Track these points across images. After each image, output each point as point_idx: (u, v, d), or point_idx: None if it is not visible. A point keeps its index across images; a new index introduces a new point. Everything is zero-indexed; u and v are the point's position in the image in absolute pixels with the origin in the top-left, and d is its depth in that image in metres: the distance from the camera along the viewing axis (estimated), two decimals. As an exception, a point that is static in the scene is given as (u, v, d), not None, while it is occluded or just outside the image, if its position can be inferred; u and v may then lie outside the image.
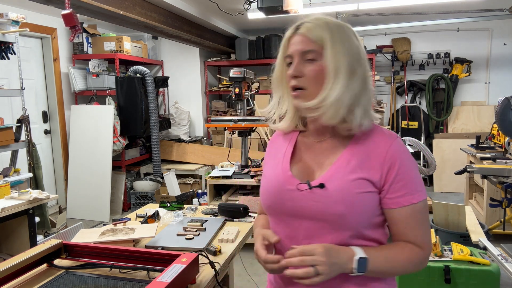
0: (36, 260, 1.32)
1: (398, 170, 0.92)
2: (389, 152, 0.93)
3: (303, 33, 0.94)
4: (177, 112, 5.89)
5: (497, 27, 5.66)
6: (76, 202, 4.75)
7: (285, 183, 0.98)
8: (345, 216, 0.90)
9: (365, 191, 0.92)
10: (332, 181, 0.92)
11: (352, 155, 0.95)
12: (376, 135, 0.97)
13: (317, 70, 0.92)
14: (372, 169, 0.93)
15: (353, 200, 0.91)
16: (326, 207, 0.91)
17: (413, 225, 0.94)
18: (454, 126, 5.81)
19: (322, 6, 4.40)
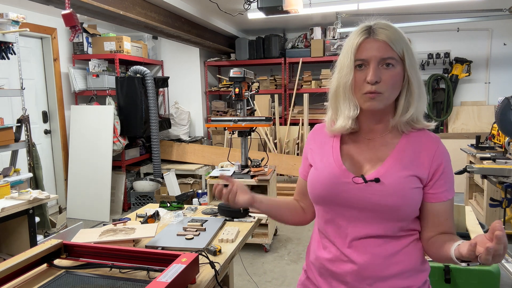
0: (36, 260, 1.32)
1: (444, 169, 1.03)
2: (437, 152, 1.03)
3: (382, 40, 0.97)
4: (177, 112, 5.89)
5: (497, 27, 5.66)
6: (76, 202, 4.75)
7: (340, 176, 1.04)
8: (398, 209, 0.99)
9: (416, 186, 1.01)
10: (386, 177, 1.00)
11: (403, 153, 1.03)
12: (423, 136, 1.06)
13: (395, 76, 0.99)
14: (421, 167, 1.02)
15: (407, 195, 0.99)
16: (381, 199, 0.99)
17: (450, 217, 1.04)
18: (454, 126, 5.81)
19: (322, 6, 4.39)
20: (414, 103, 1.03)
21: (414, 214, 1.03)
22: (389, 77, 0.98)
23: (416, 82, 1.02)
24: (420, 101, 1.04)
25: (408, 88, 1.02)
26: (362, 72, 0.99)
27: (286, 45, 6.14)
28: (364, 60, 0.98)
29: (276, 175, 4.13)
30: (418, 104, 1.04)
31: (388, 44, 0.97)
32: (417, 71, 1.02)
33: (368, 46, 0.98)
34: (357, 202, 1.02)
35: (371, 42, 0.98)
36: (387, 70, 0.98)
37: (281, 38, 6.11)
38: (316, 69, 5.94)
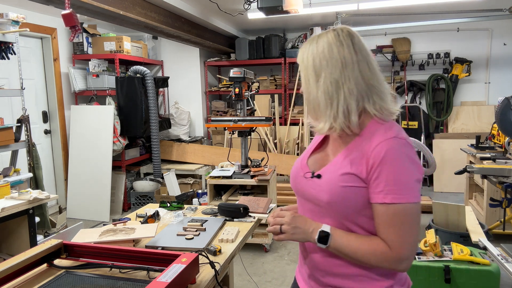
0: (36, 260, 1.32)
1: (379, 166, 0.97)
2: (376, 148, 0.98)
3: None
4: (177, 112, 5.89)
5: (497, 27, 5.66)
6: (76, 202, 4.75)
7: (299, 170, 1.15)
8: (330, 204, 1.03)
9: (351, 185, 1.00)
10: (326, 173, 1.06)
11: (350, 152, 1.04)
12: (376, 133, 1.02)
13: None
14: (360, 165, 1.00)
15: (337, 191, 1.02)
16: (318, 194, 1.06)
17: (385, 224, 0.98)
18: (454, 126, 5.81)
19: (322, 6, 4.39)
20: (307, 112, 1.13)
21: (354, 211, 1.02)
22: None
23: (305, 94, 1.08)
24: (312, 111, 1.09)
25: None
26: None
27: (286, 45, 6.14)
28: None
29: (276, 175, 4.13)
30: (313, 114, 1.09)
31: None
32: (307, 83, 1.06)
33: None
34: (307, 195, 1.11)
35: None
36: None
37: (281, 38, 6.10)
38: (316, 69, 5.93)
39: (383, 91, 1.05)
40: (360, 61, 1.02)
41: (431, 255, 2.32)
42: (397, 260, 0.98)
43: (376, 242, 1.00)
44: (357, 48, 1.03)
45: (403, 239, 0.97)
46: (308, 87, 1.06)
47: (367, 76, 1.02)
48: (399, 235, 0.97)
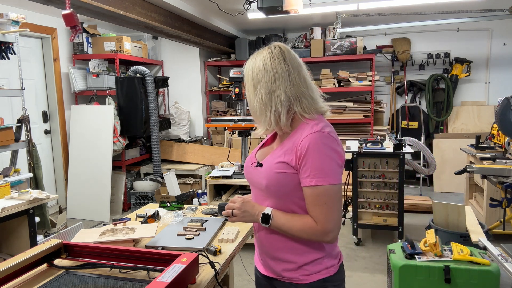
0: (36, 260, 1.32)
1: (305, 155, 1.17)
2: (303, 141, 1.19)
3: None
4: (177, 112, 5.89)
5: (497, 27, 5.66)
6: (76, 202, 4.75)
7: (249, 162, 1.36)
8: (268, 188, 1.24)
9: (283, 171, 1.21)
10: (265, 163, 1.27)
11: (285, 145, 1.25)
12: (305, 129, 1.22)
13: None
14: (291, 155, 1.21)
15: (272, 176, 1.23)
16: (259, 180, 1.27)
17: (312, 203, 1.19)
18: (454, 126, 5.81)
19: (322, 6, 4.39)
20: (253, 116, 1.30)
21: (289, 194, 1.22)
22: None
23: (248, 102, 1.29)
24: (254, 117, 1.29)
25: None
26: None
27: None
28: None
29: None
30: (254, 119, 1.29)
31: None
32: (248, 93, 1.27)
33: None
34: (254, 182, 1.32)
35: None
36: None
37: (281, 38, 6.10)
38: (316, 69, 5.93)
39: (312, 94, 1.25)
40: (290, 72, 1.22)
41: (431, 255, 2.32)
42: (323, 233, 1.18)
43: (306, 219, 1.20)
44: (288, 61, 1.23)
45: (327, 215, 1.18)
46: (249, 96, 1.27)
47: (296, 83, 1.22)
48: (323, 212, 1.18)
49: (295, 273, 1.26)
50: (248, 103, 1.29)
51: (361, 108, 5.53)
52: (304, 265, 1.25)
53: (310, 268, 1.25)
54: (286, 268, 1.27)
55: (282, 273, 1.29)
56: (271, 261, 1.31)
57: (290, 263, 1.27)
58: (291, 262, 1.27)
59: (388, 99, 6.19)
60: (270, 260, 1.31)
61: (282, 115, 1.22)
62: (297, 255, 1.26)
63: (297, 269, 1.26)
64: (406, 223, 4.00)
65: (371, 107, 5.54)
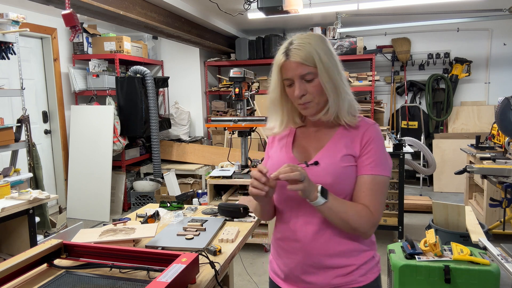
0: (36, 260, 1.32)
1: (369, 144, 1.17)
2: (366, 132, 1.19)
3: (296, 61, 1.13)
4: (177, 112, 5.89)
5: (497, 27, 5.66)
6: (76, 202, 4.75)
7: (287, 162, 1.16)
8: (332, 186, 1.13)
9: (348, 164, 1.16)
10: (323, 159, 1.17)
11: (340, 139, 1.20)
12: (360, 122, 1.21)
13: (317, 86, 1.15)
14: (354, 145, 1.18)
15: (338, 172, 1.15)
16: (319, 179, 1.13)
17: (370, 192, 1.15)
18: (454, 126, 5.81)
19: (322, 6, 4.39)
20: (330, 104, 1.17)
21: (349, 190, 1.17)
22: (312, 88, 1.15)
23: (331, 86, 1.14)
24: (338, 102, 1.16)
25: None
26: (292, 88, 1.17)
27: (286, 45, 6.13)
28: (289, 79, 1.16)
29: (276, 175, 4.12)
30: (336, 103, 1.16)
31: (302, 63, 1.12)
32: (332, 75, 1.14)
33: (288, 67, 1.15)
34: None
35: (289, 64, 1.14)
36: (309, 83, 1.15)
37: (281, 38, 6.09)
38: (316, 69, 5.93)
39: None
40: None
41: (431, 255, 2.32)
42: (374, 224, 1.15)
43: (361, 206, 1.14)
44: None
45: (380, 206, 1.16)
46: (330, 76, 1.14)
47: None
48: (379, 202, 1.16)
49: (350, 276, 1.18)
50: (330, 90, 1.15)
51: (361, 108, 5.51)
52: (361, 265, 1.19)
53: (367, 267, 1.20)
54: (339, 274, 1.17)
55: (333, 281, 1.18)
56: (319, 271, 1.18)
57: (344, 267, 1.17)
58: (346, 266, 1.17)
59: (388, 99, 6.19)
60: (317, 270, 1.18)
61: (351, 103, 1.19)
62: (352, 257, 1.18)
63: (352, 272, 1.18)
64: (406, 223, 4.00)
65: (371, 107, 5.54)
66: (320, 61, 1.12)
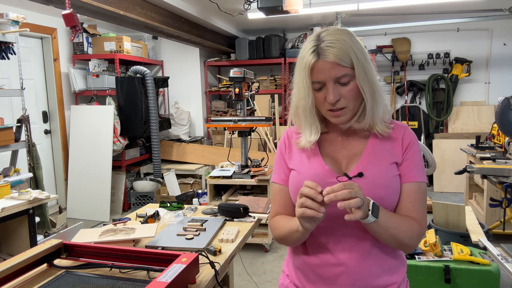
0: (36, 260, 1.32)
1: (412, 148, 1.06)
2: (405, 135, 1.08)
3: (332, 61, 0.97)
4: (177, 112, 5.89)
5: (497, 27, 5.66)
6: (76, 202, 4.75)
7: (325, 176, 1.05)
8: (383, 199, 1.00)
9: (396, 174, 1.04)
10: (368, 169, 1.03)
11: (377, 145, 1.06)
12: (393, 125, 1.10)
13: (354, 90, 1.00)
14: (395, 151, 1.06)
15: (389, 183, 1.02)
16: (366, 193, 0.95)
17: (417, 202, 1.04)
18: (454, 126, 5.81)
19: (322, 6, 4.39)
20: (367, 111, 1.04)
21: (396, 202, 1.05)
22: (347, 92, 1.00)
23: (368, 90, 1.01)
24: (374, 108, 1.04)
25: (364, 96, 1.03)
26: (321, 92, 1.02)
27: (286, 45, 6.14)
28: (320, 82, 1.00)
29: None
30: (373, 111, 1.04)
31: (338, 63, 0.97)
32: (370, 77, 1.01)
33: (321, 67, 0.99)
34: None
35: (322, 64, 0.98)
36: (343, 87, 1.00)
37: (281, 38, 6.10)
38: (316, 69, 5.93)
39: None
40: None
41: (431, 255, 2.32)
42: (422, 237, 1.06)
43: (410, 220, 1.02)
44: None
45: (425, 216, 1.06)
46: (368, 78, 1.01)
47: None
48: (425, 213, 1.05)
49: None
50: (368, 94, 1.01)
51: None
52: (401, 283, 1.09)
53: (405, 283, 1.11)
54: None
55: None
56: None
57: (389, 286, 1.06)
58: (391, 284, 1.07)
59: (388, 99, 6.19)
60: None
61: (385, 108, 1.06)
62: (395, 273, 1.08)
63: None
64: (406, 223, 4.00)
65: (371, 107, 5.53)
66: (357, 61, 0.98)
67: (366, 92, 1.01)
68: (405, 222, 1.01)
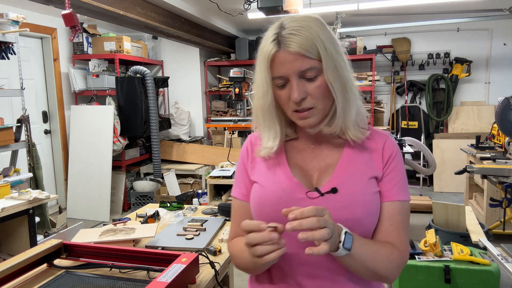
0: (36, 260, 1.32)
1: (392, 162, 0.91)
2: (386, 146, 0.92)
3: (295, 51, 0.81)
4: (177, 112, 5.89)
5: (497, 27, 5.66)
6: (76, 202, 4.75)
7: (292, 191, 0.89)
8: (360, 220, 0.85)
9: (376, 190, 0.88)
10: (343, 185, 0.87)
11: (354, 156, 0.91)
12: (375, 133, 0.94)
13: (322, 86, 0.84)
14: (375, 164, 0.90)
15: (369, 201, 0.87)
16: (342, 212, 0.84)
17: (399, 225, 0.88)
18: (454, 126, 5.81)
19: (322, 6, 4.39)
20: (338, 112, 0.87)
21: (375, 223, 0.89)
22: (315, 89, 0.84)
23: (339, 87, 0.84)
24: (347, 109, 0.87)
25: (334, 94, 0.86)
26: (285, 89, 0.86)
27: (286, 45, 6.13)
28: (282, 77, 0.84)
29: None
30: (344, 112, 0.87)
31: (302, 54, 0.81)
32: (340, 72, 0.84)
33: (282, 59, 0.83)
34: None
35: (284, 55, 0.82)
36: (310, 83, 0.84)
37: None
38: (316, 69, 5.93)
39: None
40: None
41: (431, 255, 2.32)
42: (403, 266, 0.87)
43: (390, 247, 0.86)
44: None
45: (408, 240, 0.90)
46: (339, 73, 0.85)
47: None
48: (407, 236, 0.89)
49: None
50: (339, 92, 0.85)
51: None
52: None
53: None
54: None
55: None
56: None
57: None
58: None
59: (388, 99, 6.19)
60: None
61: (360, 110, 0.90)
62: None
63: None
64: (406, 223, 3.99)
65: (371, 107, 5.54)
66: (325, 52, 0.82)
67: (336, 89, 0.84)
68: (383, 251, 0.85)
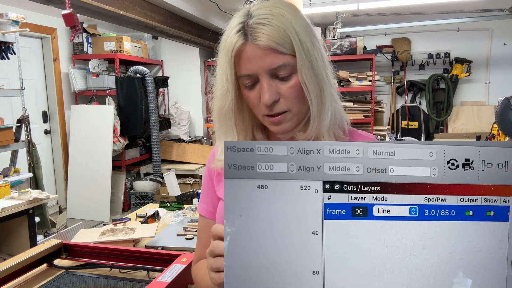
0: (36, 260, 1.32)
1: None
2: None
3: (265, 45, 0.68)
4: (177, 112, 5.89)
5: (497, 27, 5.66)
6: (76, 202, 4.75)
7: None
8: None
9: None
10: None
11: None
12: (357, 138, 0.82)
13: (298, 86, 0.71)
14: None
15: None
16: None
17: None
18: (454, 126, 5.81)
19: (322, 6, 4.39)
20: (312, 116, 0.73)
21: None
22: (289, 90, 0.71)
23: (314, 87, 0.71)
24: (321, 112, 0.73)
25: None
26: (254, 90, 0.72)
27: (286, 45, 6.14)
28: (250, 75, 0.71)
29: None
30: (319, 117, 0.73)
31: (273, 48, 0.68)
32: (316, 69, 0.72)
33: (249, 54, 0.69)
34: None
35: (252, 50, 0.69)
36: (283, 83, 0.71)
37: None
38: (316, 69, 5.93)
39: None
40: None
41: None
42: None
43: None
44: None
45: None
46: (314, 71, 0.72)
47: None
48: None
49: None
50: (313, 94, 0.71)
51: (361, 108, 5.53)
52: None
53: None
54: None
55: None
56: None
57: None
58: None
59: (388, 99, 6.19)
60: None
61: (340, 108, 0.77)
62: None
63: None
64: (406, 223, 4.00)
65: (371, 107, 5.54)
66: (300, 45, 0.69)
67: (311, 90, 0.70)
68: None
